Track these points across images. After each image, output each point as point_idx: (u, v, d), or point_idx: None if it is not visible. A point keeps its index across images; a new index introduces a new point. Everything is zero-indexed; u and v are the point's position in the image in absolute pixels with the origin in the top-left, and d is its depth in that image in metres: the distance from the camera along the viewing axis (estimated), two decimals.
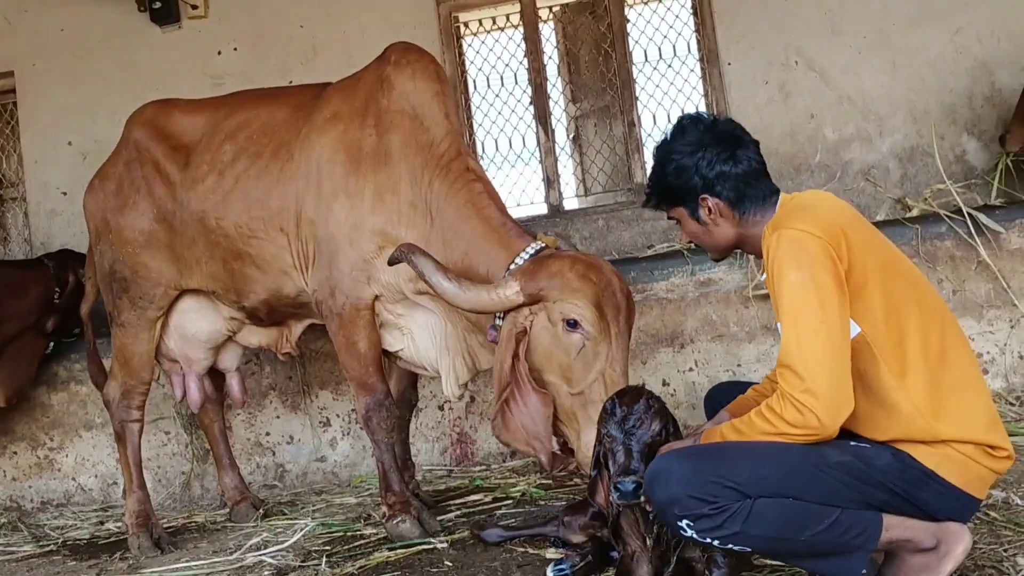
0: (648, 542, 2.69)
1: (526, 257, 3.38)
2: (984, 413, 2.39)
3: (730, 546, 2.30)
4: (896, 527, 2.33)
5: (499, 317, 3.36)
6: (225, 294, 4.09)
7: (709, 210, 2.60)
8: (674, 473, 2.31)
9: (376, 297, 3.77)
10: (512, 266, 3.38)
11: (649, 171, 2.77)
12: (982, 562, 2.62)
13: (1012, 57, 5.67)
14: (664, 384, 5.05)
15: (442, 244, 3.60)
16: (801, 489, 2.28)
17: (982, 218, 4.81)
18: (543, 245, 3.48)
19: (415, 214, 3.65)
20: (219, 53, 6.29)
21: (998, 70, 5.69)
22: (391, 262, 3.37)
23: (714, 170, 2.56)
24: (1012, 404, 4.53)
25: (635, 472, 2.49)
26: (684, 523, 2.30)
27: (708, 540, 2.30)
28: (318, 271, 3.79)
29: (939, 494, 2.34)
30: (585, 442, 3.14)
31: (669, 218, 2.75)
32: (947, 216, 4.86)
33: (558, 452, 3.33)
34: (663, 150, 2.65)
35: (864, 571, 2.29)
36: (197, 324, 4.30)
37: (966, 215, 4.82)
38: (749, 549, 2.36)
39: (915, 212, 5.11)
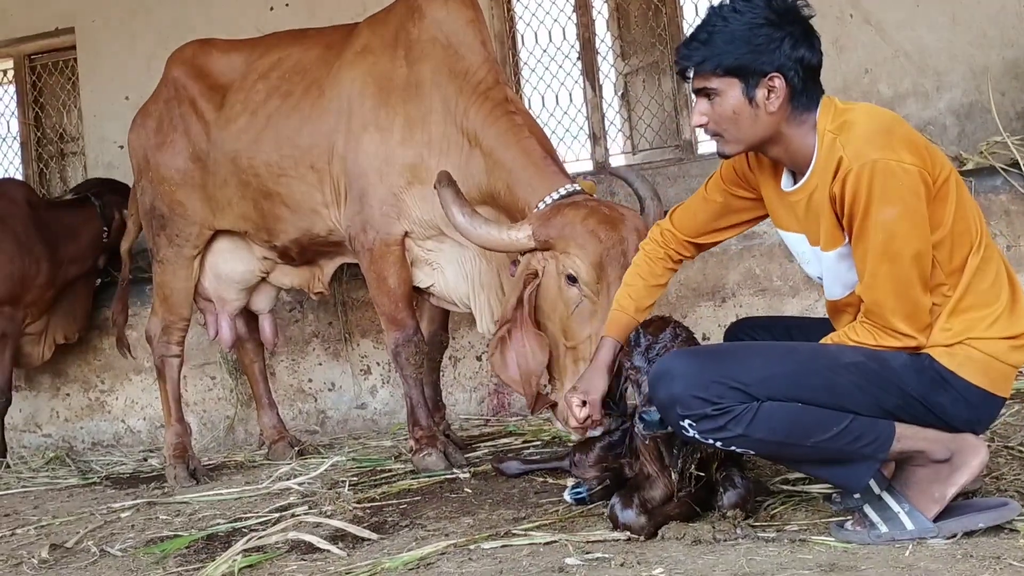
0: (672, 472, 2.64)
1: (555, 198, 3.32)
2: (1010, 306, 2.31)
3: (733, 448, 2.26)
4: (909, 437, 2.25)
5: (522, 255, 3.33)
6: (256, 234, 4.14)
7: (769, 91, 2.31)
8: (678, 372, 2.28)
9: (407, 233, 3.78)
10: (540, 206, 3.34)
11: (704, 25, 2.35)
12: (1006, 487, 2.53)
13: None
14: (705, 338, 4.97)
15: (485, 173, 3.57)
16: (811, 391, 2.22)
17: None
18: (576, 188, 3.40)
19: (448, 145, 3.64)
20: (271, 9, 6.36)
21: None
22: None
23: (798, 51, 2.30)
24: None
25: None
26: (686, 423, 2.26)
27: (710, 441, 2.26)
28: (349, 207, 3.81)
29: (956, 399, 2.25)
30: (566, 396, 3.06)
31: (697, 90, 2.38)
32: (1003, 169, 4.70)
33: (545, 395, 3.30)
34: (747, 9, 2.30)
35: (869, 481, 2.22)
36: (231, 264, 4.38)
37: (1023, 168, 4.65)
38: (753, 452, 2.32)
39: (970, 166, 4.94)
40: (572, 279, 3.12)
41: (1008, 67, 5.53)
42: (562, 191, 3.34)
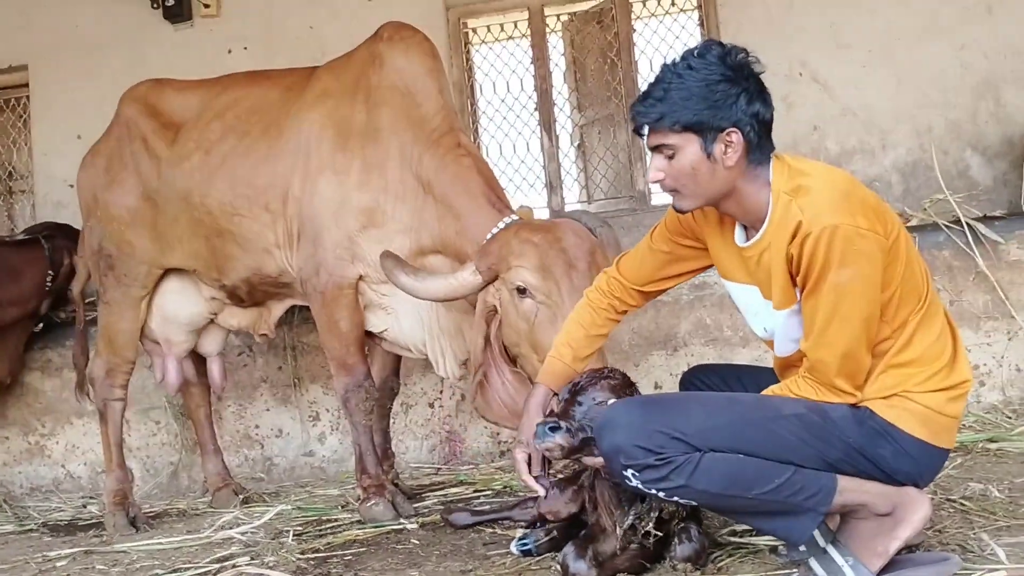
0: (619, 529, 2.63)
1: (494, 232, 3.35)
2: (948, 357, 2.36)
3: (676, 499, 2.26)
4: (851, 490, 2.27)
5: None
6: (206, 272, 4.10)
7: (727, 146, 2.32)
8: (621, 421, 2.28)
9: (360, 277, 3.76)
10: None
11: (659, 82, 2.34)
12: (948, 540, 2.55)
13: (1017, 74, 5.63)
14: (656, 387, 4.99)
15: (437, 220, 3.59)
16: (752, 442, 2.23)
17: (981, 228, 4.75)
18: (514, 219, 3.42)
19: (405, 190, 3.65)
20: (229, 52, 6.36)
21: (1003, 87, 5.65)
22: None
23: (753, 107, 2.32)
24: (1009, 416, 4.44)
25: (563, 425, 2.43)
26: (629, 472, 2.26)
27: (653, 491, 2.25)
28: (303, 249, 3.80)
29: (898, 452, 2.28)
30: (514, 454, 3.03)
31: (654, 147, 2.37)
32: (945, 226, 4.81)
33: None
34: (702, 66, 2.31)
35: (812, 534, 2.23)
36: (178, 305, 4.32)
37: (965, 225, 4.77)
38: (695, 503, 2.32)
39: (914, 222, 5.05)
40: (522, 291, 3.13)
41: (950, 127, 5.70)
42: (501, 225, 3.37)
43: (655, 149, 2.38)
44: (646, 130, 2.38)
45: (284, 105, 3.92)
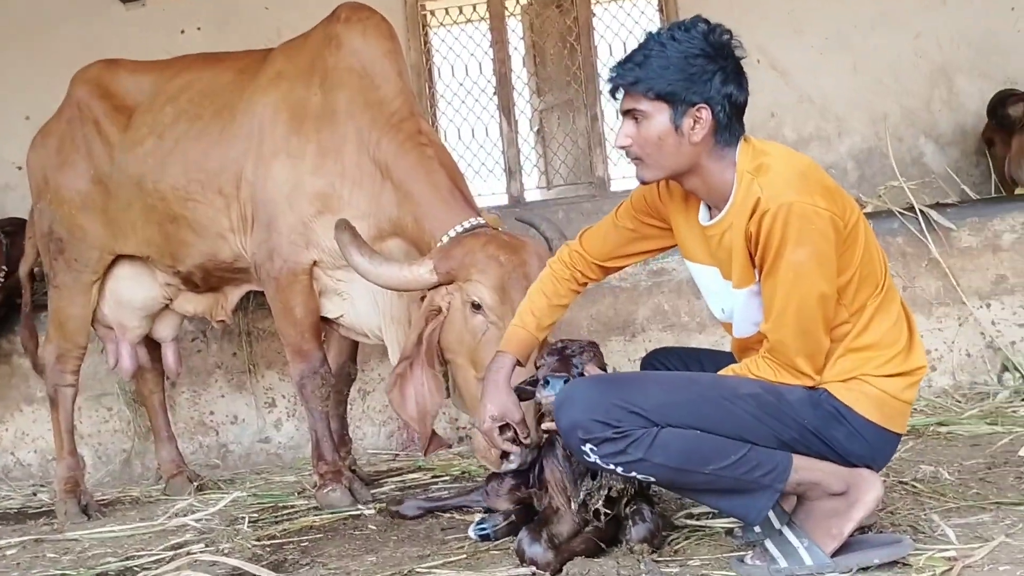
0: (573, 504, 2.65)
1: (458, 231, 3.31)
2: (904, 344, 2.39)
3: (633, 474, 2.28)
4: (806, 468, 2.30)
5: None
6: (160, 259, 4.03)
7: (696, 121, 2.33)
8: (579, 397, 2.30)
9: (315, 262, 3.72)
10: (444, 239, 3.32)
11: (641, 48, 2.38)
12: (899, 521, 2.59)
13: (972, 63, 5.73)
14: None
15: (395, 206, 3.55)
16: (709, 420, 2.26)
17: (933, 215, 4.80)
18: (480, 222, 3.39)
19: (361, 175, 3.60)
20: (182, 32, 6.26)
21: (957, 75, 5.75)
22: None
23: (727, 87, 2.33)
24: (959, 401, 4.51)
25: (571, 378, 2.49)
26: (587, 447, 2.28)
27: (611, 466, 2.27)
28: (256, 234, 3.74)
29: (852, 434, 2.31)
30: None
31: (625, 111, 2.40)
32: (899, 212, 4.86)
33: (439, 435, 3.30)
34: (684, 39, 2.33)
35: (767, 513, 2.26)
36: (132, 290, 4.24)
37: (918, 212, 4.82)
38: (653, 479, 2.34)
39: (869, 209, 5.10)
40: (476, 307, 3.10)
41: (905, 115, 5.78)
42: (466, 224, 3.33)
43: (626, 113, 2.40)
44: (621, 93, 2.40)
45: (238, 88, 3.85)
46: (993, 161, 5.54)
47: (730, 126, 2.38)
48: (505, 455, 2.84)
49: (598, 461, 2.30)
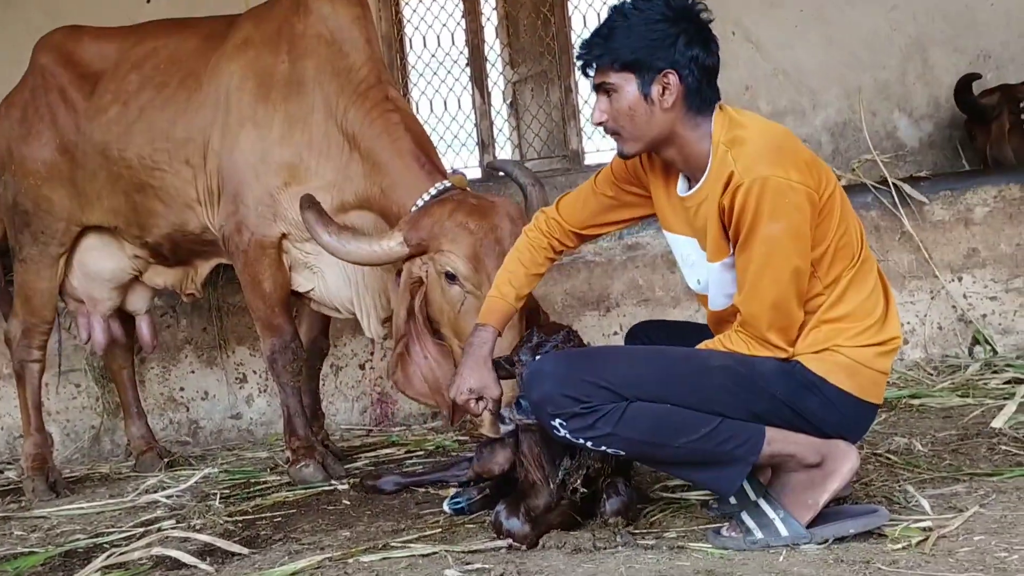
0: (551, 484, 2.64)
1: (426, 199, 3.25)
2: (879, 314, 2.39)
3: (604, 448, 2.27)
4: (779, 440, 2.31)
5: None
6: (127, 229, 3.96)
7: (664, 88, 2.33)
8: (549, 372, 2.31)
9: (284, 235, 3.66)
10: (413, 209, 3.26)
11: (606, 22, 2.40)
12: (874, 493, 2.60)
13: (946, 36, 5.72)
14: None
15: (363, 177, 3.49)
16: (679, 393, 2.26)
17: (907, 188, 4.82)
18: (447, 185, 3.33)
19: (329, 145, 3.54)
20: (148, 1, 6.11)
21: (932, 49, 5.73)
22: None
23: (692, 50, 2.33)
24: (931, 373, 4.55)
25: None
26: (557, 422, 2.28)
27: (581, 440, 2.26)
28: (224, 206, 3.68)
29: (825, 403, 2.32)
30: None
31: (597, 87, 2.42)
32: (873, 186, 4.88)
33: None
34: (646, 7, 2.34)
35: (740, 484, 2.26)
36: (100, 262, 4.15)
37: (891, 185, 4.84)
38: (623, 453, 2.33)
39: (843, 183, 5.08)
40: (451, 277, 3.07)
41: (879, 88, 5.78)
42: (432, 191, 3.27)
43: (598, 89, 2.40)
44: (592, 69, 2.40)
45: (203, 55, 3.77)
46: (976, 150, 5.53)
47: (700, 91, 2.37)
48: (500, 418, 2.80)
49: (568, 436, 2.30)
